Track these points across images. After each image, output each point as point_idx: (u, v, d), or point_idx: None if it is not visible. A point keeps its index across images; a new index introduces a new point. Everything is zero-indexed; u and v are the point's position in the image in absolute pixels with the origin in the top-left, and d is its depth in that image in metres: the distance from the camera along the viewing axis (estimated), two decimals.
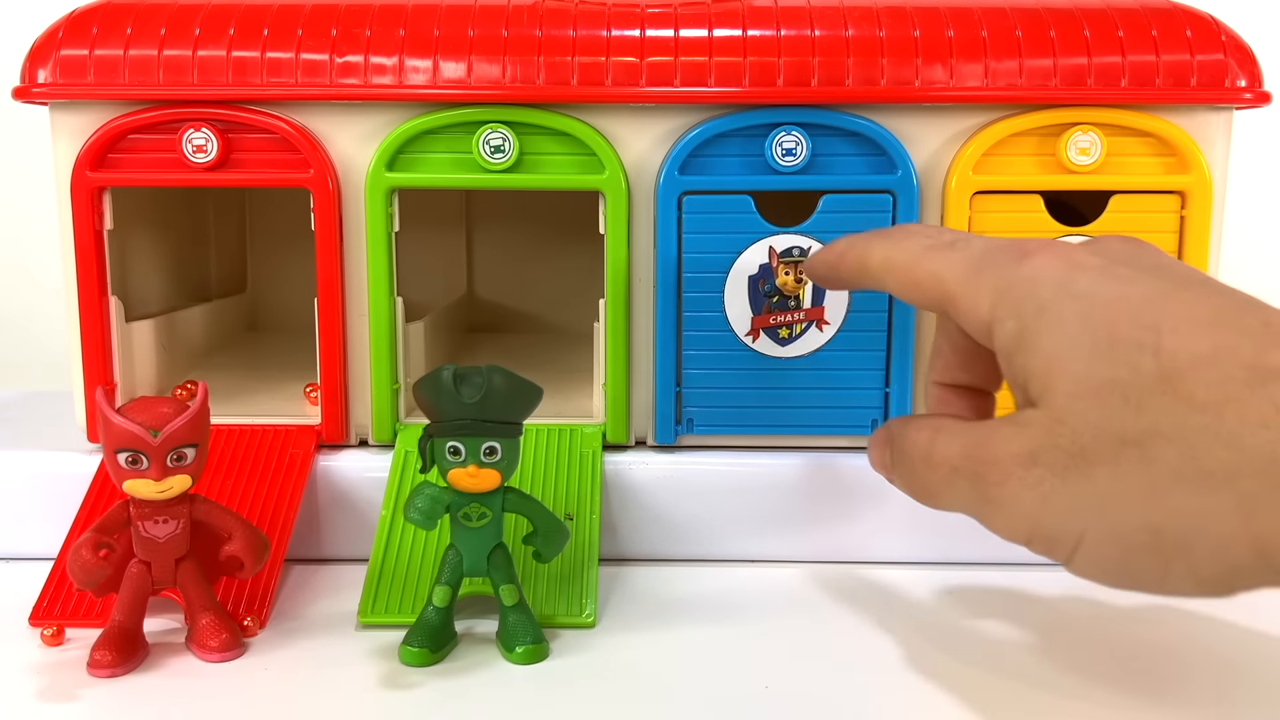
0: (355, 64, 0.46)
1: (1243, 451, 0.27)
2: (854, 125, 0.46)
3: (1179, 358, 0.28)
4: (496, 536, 0.40)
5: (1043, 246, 0.33)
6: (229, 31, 0.47)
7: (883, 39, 0.46)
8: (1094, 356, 0.29)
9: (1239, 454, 0.27)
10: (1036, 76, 0.46)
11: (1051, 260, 0.32)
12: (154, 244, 0.58)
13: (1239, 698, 0.37)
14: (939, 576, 0.47)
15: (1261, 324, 0.28)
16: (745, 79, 0.46)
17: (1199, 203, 0.47)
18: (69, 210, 0.47)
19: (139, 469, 0.37)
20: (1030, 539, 0.31)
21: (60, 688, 0.37)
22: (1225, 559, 0.28)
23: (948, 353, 0.38)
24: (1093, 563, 0.30)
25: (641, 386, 0.49)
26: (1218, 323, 0.29)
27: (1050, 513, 0.30)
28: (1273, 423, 0.26)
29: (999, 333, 0.32)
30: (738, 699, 0.37)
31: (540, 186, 0.47)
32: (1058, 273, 0.32)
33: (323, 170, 0.47)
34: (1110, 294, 0.30)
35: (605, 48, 0.46)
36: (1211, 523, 0.27)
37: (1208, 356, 0.28)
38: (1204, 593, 0.29)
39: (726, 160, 0.47)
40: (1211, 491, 0.27)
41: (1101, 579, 0.31)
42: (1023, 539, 0.32)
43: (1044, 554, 0.31)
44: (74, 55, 0.47)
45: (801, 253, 0.46)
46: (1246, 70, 0.46)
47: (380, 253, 0.48)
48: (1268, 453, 0.26)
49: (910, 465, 0.35)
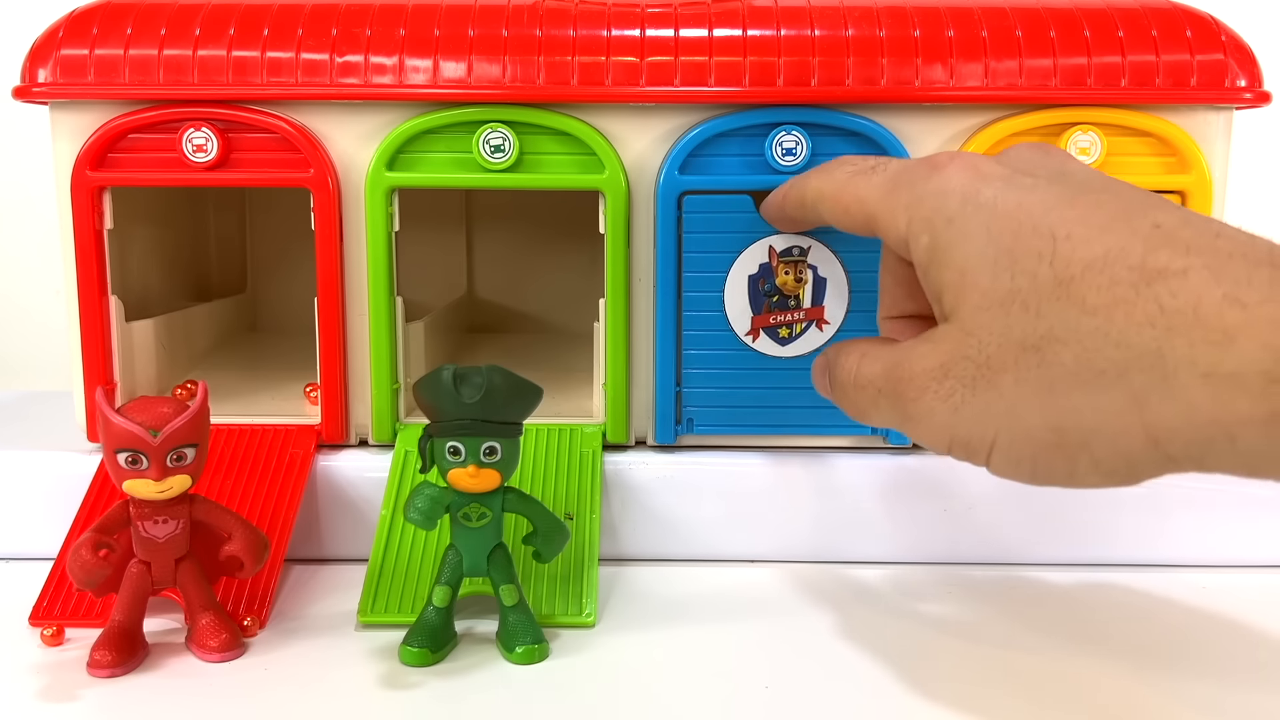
0: (355, 64, 0.46)
1: (1130, 349, 0.28)
2: (854, 125, 0.46)
3: (1072, 264, 0.30)
4: (496, 536, 0.40)
5: (952, 158, 0.35)
6: (229, 31, 0.47)
7: (883, 39, 0.46)
8: (998, 269, 0.31)
9: (1127, 352, 0.28)
10: (1036, 76, 0.46)
11: (959, 172, 0.34)
12: (154, 244, 0.58)
13: (1242, 697, 0.37)
14: (939, 576, 0.47)
15: (1152, 225, 0.30)
16: (745, 79, 0.46)
17: (1199, 202, 0.47)
18: (69, 210, 0.47)
19: (139, 469, 0.37)
20: (950, 448, 0.33)
21: (60, 688, 0.37)
22: (1123, 451, 0.29)
23: (891, 286, 0.39)
24: (1007, 463, 0.32)
25: (641, 386, 0.49)
26: (1110, 227, 0.30)
27: (963, 422, 0.32)
28: (1157, 321, 0.28)
29: (914, 248, 0.34)
30: (738, 699, 0.37)
31: (540, 186, 0.47)
32: (964, 184, 0.33)
33: (323, 170, 0.47)
34: (1012, 203, 0.32)
35: (605, 47, 0.46)
36: (1107, 418, 0.29)
37: (1099, 261, 0.30)
38: (1110, 483, 0.31)
39: (726, 160, 0.47)
40: (1105, 389, 0.29)
41: (1018, 478, 0.32)
42: (943, 448, 0.34)
43: (964, 460, 0.33)
44: (74, 55, 0.46)
45: (801, 252, 0.46)
46: (1246, 70, 0.46)
47: (380, 253, 0.48)
48: (1153, 349, 0.28)
49: (843, 389, 0.37)
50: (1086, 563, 0.48)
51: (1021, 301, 0.31)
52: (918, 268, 0.34)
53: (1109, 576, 0.47)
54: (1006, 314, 0.31)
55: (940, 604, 0.44)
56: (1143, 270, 0.29)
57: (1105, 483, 0.31)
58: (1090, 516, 0.48)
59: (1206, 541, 0.48)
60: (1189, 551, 0.48)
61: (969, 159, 0.35)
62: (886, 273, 0.39)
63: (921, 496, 0.48)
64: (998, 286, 0.31)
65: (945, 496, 0.48)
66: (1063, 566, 0.48)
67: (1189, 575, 0.47)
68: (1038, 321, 0.30)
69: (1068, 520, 0.48)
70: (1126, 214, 0.31)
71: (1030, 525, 0.48)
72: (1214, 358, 0.27)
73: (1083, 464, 0.30)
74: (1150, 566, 0.48)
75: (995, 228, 0.32)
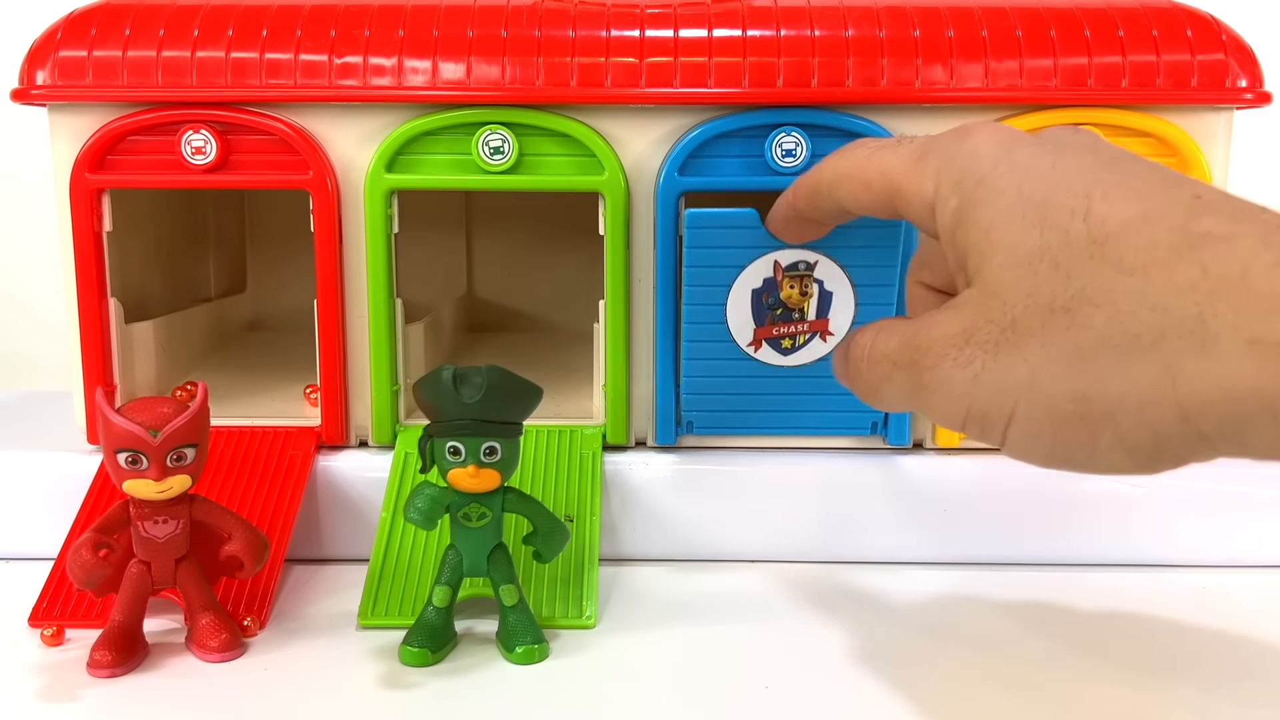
0: (354, 65, 0.46)
1: (1168, 313, 0.27)
2: (854, 126, 0.46)
3: (1109, 223, 0.28)
4: (496, 537, 0.40)
5: (984, 125, 0.33)
6: (228, 33, 0.47)
7: (883, 39, 0.46)
8: (1026, 225, 0.30)
9: (1165, 316, 0.27)
10: (1037, 77, 0.46)
11: (991, 135, 0.33)
12: (154, 245, 0.58)
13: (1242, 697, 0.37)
14: (938, 576, 0.47)
15: (1192, 195, 0.28)
16: (745, 80, 0.46)
17: None
18: (68, 212, 0.47)
19: (139, 469, 0.37)
20: (965, 421, 0.31)
21: (60, 688, 0.37)
22: (1151, 424, 0.27)
23: (926, 250, 0.38)
24: (1025, 439, 0.30)
25: (641, 387, 0.49)
26: (1148, 192, 0.29)
27: (982, 390, 0.30)
28: (1200, 285, 0.26)
29: (941, 211, 0.32)
30: (738, 699, 0.37)
31: (540, 188, 0.47)
32: (996, 146, 0.32)
33: (322, 172, 0.47)
34: (1046, 164, 0.31)
35: (604, 48, 0.46)
36: (1137, 387, 0.27)
37: (1137, 221, 0.28)
38: (1132, 464, 0.28)
39: (726, 161, 0.47)
40: (1138, 355, 0.27)
41: (1034, 457, 0.30)
42: (958, 423, 0.31)
43: (979, 437, 0.31)
44: (73, 57, 0.47)
45: (807, 267, 0.46)
46: (1247, 70, 0.46)
47: (380, 254, 0.48)
48: (1194, 314, 0.26)
49: (856, 366, 0.35)
50: (1087, 563, 0.48)
51: (1051, 259, 0.29)
52: (943, 235, 0.32)
53: (1109, 577, 0.47)
54: (1034, 273, 0.29)
55: (940, 604, 0.44)
56: (1185, 233, 0.27)
57: (1126, 463, 0.29)
58: (1090, 517, 0.48)
59: (1206, 541, 0.48)
60: (1189, 551, 0.48)
61: (1001, 126, 0.33)
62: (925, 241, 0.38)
63: (922, 496, 0.48)
64: (1026, 243, 0.29)
65: (945, 496, 0.48)
66: (1063, 567, 0.48)
67: (1189, 575, 0.47)
68: (1068, 281, 0.28)
69: (1068, 520, 0.48)
70: (1165, 181, 0.29)
71: (1030, 525, 0.48)
72: (1262, 324, 0.25)
73: (1105, 439, 0.28)
74: (1150, 566, 0.48)
75: (1027, 186, 0.30)
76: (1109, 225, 0.28)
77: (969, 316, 0.31)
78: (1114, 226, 0.28)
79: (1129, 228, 0.28)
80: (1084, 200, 0.29)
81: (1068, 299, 0.28)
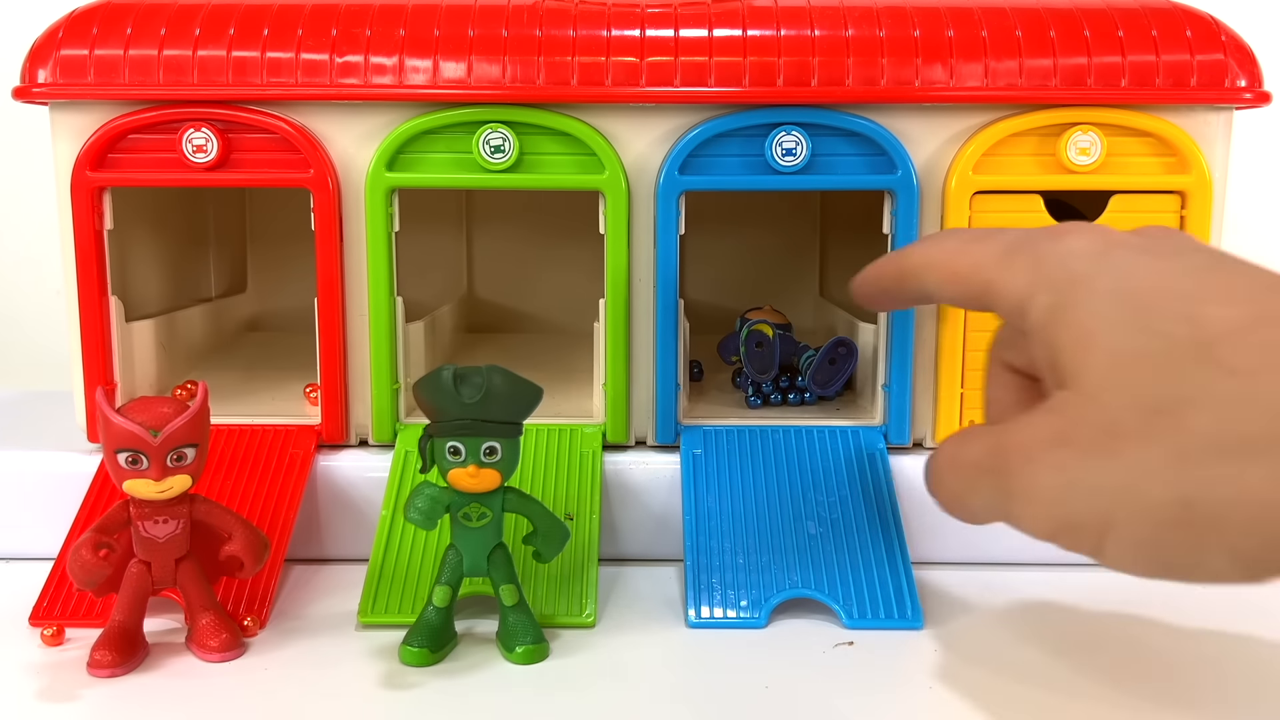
0: (355, 64, 0.46)
1: (1276, 414, 0.26)
2: (854, 125, 0.46)
3: (1215, 325, 0.27)
4: (496, 536, 0.40)
5: (1081, 225, 0.32)
6: (229, 31, 0.47)
7: (883, 39, 0.46)
8: (1127, 327, 0.28)
9: (1277, 420, 0.26)
10: (1036, 76, 0.46)
11: (1088, 236, 0.31)
12: (154, 244, 0.58)
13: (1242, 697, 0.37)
14: (938, 576, 0.47)
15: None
16: (745, 79, 0.46)
17: (1199, 203, 0.47)
18: (69, 210, 0.47)
19: (139, 469, 0.37)
20: (1057, 530, 0.29)
21: (60, 688, 0.37)
22: (1262, 531, 0.26)
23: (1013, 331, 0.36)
24: (1124, 547, 0.28)
25: (641, 386, 0.49)
26: (1255, 295, 0.28)
27: (1076, 496, 0.28)
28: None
29: (1032, 308, 0.31)
30: (738, 699, 0.37)
31: (540, 186, 0.47)
32: (1094, 246, 0.31)
33: (323, 170, 0.47)
34: (1146, 267, 0.29)
35: (605, 48, 0.46)
36: (1247, 491, 0.26)
37: (1247, 324, 0.27)
38: (1241, 573, 0.27)
39: (726, 160, 0.47)
40: (1247, 459, 0.26)
41: (1135, 566, 0.29)
42: (1049, 532, 0.30)
43: (1074, 547, 0.30)
44: (74, 55, 0.46)
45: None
46: (1246, 70, 0.46)
47: (380, 253, 0.48)
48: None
49: (939, 475, 0.33)
50: (1087, 563, 0.48)
51: (1154, 363, 0.27)
52: (1033, 332, 0.31)
53: (1109, 577, 0.47)
54: (1136, 376, 0.28)
55: (941, 604, 0.44)
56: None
57: (1234, 572, 0.27)
58: None
59: None
60: None
61: (1098, 226, 0.32)
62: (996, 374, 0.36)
63: (922, 496, 0.48)
64: (1127, 346, 0.28)
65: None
66: (1063, 567, 0.48)
67: None
68: (1173, 385, 0.27)
69: None
70: (1271, 286, 0.28)
71: None
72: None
73: (1212, 546, 0.27)
74: None
75: (1127, 289, 0.29)
76: (1216, 328, 0.27)
77: (1063, 419, 0.29)
78: (1221, 329, 0.27)
79: (1237, 331, 0.27)
80: (1188, 304, 0.28)
81: (1172, 401, 0.27)
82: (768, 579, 0.43)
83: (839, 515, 0.45)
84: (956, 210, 0.47)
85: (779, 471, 0.47)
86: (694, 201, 0.48)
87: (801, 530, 0.44)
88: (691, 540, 0.44)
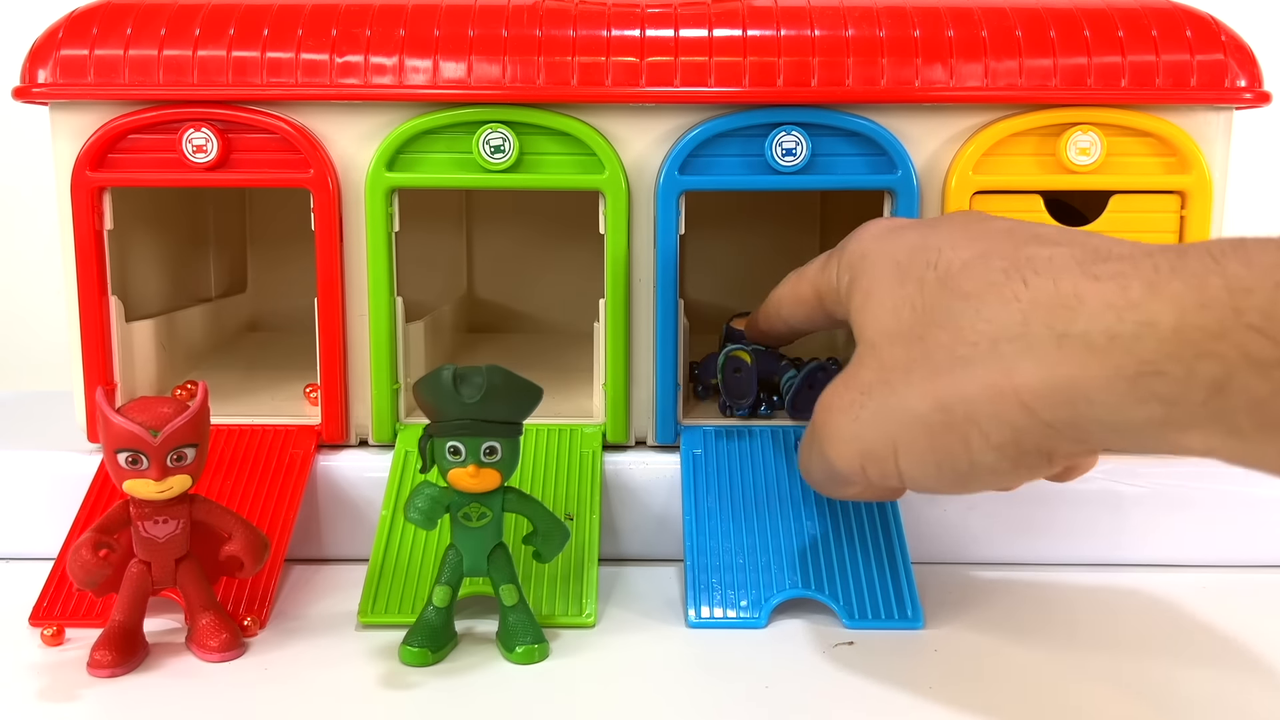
0: (355, 64, 0.46)
1: (996, 322, 0.31)
2: (854, 125, 0.46)
3: (953, 264, 0.34)
4: (496, 536, 0.40)
5: (876, 220, 0.40)
6: (229, 31, 0.47)
7: (883, 39, 0.46)
8: (893, 280, 0.35)
9: (995, 324, 0.31)
10: (1036, 76, 0.46)
11: (877, 224, 0.39)
12: (154, 244, 0.58)
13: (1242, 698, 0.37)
14: (938, 576, 0.47)
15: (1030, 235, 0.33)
16: (745, 79, 0.46)
17: (1199, 203, 0.47)
18: (69, 210, 0.47)
19: (139, 469, 0.37)
20: (862, 463, 0.35)
21: (60, 688, 0.37)
22: (1005, 419, 0.31)
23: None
24: (912, 462, 0.34)
25: (641, 386, 0.49)
26: (989, 237, 0.34)
27: (865, 429, 0.35)
28: (1021, 295, 0.31)
29: (840, 289, 0.38)
30: (738, 699, 0.37)
31: (540, 186, 0.47)
32: (879, 230, 0.38)
33: (323, 170, 0.47)
34: (913, 235, 0.36)
35: (605, 48, 0.46)
36: (984, 388, 0.31)
37: (977, 259, 0.33)
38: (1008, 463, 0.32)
39: (726, 160, 0.47)
40: (979, 361, 0.31)
41: (926, 480, 0.34)
42: (857, 466, 0.36)
43: (878, 476, 0.35)
44: (74, 55, 0.46)
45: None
46: (1246, 70, 0.46)
47: (380, 253, 0.48)
48: (1018, 319, 0.31)
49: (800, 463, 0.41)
50: (1087, 563, 0.48)
51: (910, 304, 0.34)
52: (844, 309, 0.38)
53: (1110, 577, 0.47)
54: (899, 318, 0.34)
55: (941, 604, 0.44)
56: (1014, 259, 0.32)
57: (1002, 462, 0.32)
58: (1090, 517, 0.48)
59: (1206, 541, 0.48)
60: (1189, 551, 0.48)
61: (891, 218, 0.40)
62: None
63: (922, 497, 0.48)
64: (893, 296, 0.35)
65: (945, 498, 0.48)
66: (1063, 567, 0.48)
67: (1189, 575, 0.47)
68: (923, 317, 0.33)
69: (1067, 521, 0.48)
70: (1009, 229, 0.34)
71: (1030, 526, 0.48)
72: (1065, 320, 0.30)
73: (975, 442, 0.32)
74: (1150, 566, 0.48)
75: (899, 253, 0.36)
76: (953, 265, 0.33)
77: (853, 370, 0.36)
78: (957, 266, 0.33)
79: (968, 265, 0.33)
80: (935, 253, 0.34)
81: (922, 329, 0.33)
82: (768, 579, 0.43)
83: (839, 515, 0.45)
84: (956, 209, 0.46)
85: (779, 471, 0.47)
86: (694, 201, 0.48)
87: (802, 530, 0.44)
88: (691, 540, 0.44)
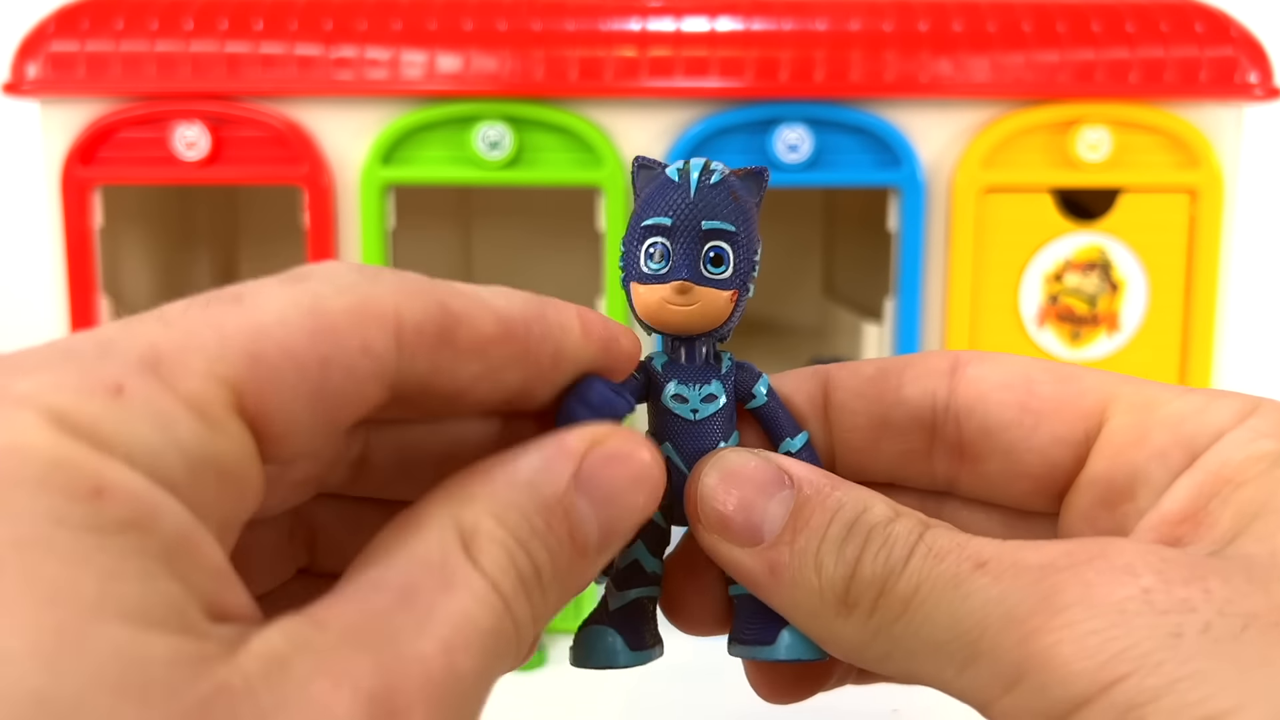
0: (349, 58, 0.46)
1: None
2: (859, 120, 0.45)
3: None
4: None
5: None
6: (221, 25, 0.46)
7: (888, 33, 0.46)
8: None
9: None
10: (1044, 71, 0.45)
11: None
12: (145, 242, 0.57)
13: None
14: None
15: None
16: (748, 73, 0.45)
17: (1210, 199, 0.46)
18: (59, 207, 0.47)
19: None
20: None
21: None
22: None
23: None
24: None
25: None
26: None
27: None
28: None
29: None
30: (738, 699, 0.36)
31: (538, 182, 0.47)
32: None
33: (316, 166, 0.46)
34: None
35: (604, 41, 0.46)
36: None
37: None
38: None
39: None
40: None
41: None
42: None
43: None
44: (64, 50, 0.46)
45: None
46: (1257, 65, 0.46)
47: (376, 250, 0.47)
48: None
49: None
50: None
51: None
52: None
53: None
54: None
55: None
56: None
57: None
58: None
59: None
60: None
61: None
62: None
63: None
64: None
65: None
66: None
67: None
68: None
69: None
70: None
71: None
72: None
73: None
74: None
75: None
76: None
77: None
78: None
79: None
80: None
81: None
82: None
83: None
84: (963, 207, 0.46)
85: None
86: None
87: None
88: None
